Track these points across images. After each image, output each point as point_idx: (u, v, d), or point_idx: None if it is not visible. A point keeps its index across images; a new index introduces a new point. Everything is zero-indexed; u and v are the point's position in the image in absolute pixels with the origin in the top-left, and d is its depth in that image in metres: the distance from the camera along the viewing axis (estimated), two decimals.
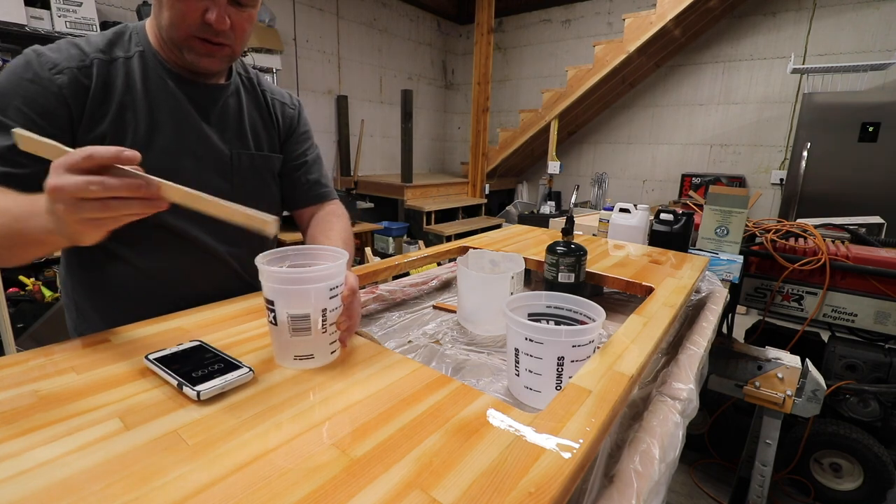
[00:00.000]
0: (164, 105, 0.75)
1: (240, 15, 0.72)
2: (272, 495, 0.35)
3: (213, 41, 0.72)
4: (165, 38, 0.73)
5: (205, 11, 0.68)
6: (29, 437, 0.40)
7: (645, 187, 4.85)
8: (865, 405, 1.57)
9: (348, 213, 0.99)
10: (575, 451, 0.41)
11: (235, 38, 0.74)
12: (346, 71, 4.71)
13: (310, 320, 0.54)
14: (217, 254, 0.84)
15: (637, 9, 4.33)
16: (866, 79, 3.44)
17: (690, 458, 1.90)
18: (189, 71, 0.78)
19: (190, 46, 0.72)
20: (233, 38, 0.73)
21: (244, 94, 0.87)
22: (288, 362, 0.56)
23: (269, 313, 0.55)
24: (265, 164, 0.89)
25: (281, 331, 0.55)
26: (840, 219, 1.94)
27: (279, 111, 0.92)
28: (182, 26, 0.70)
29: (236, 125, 0.84)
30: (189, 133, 0.78)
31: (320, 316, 0.55)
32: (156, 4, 0.72)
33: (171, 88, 0.76)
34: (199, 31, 0.70)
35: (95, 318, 0.80)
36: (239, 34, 0.74)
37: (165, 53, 0.76)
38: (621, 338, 0.66)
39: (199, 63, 0.73)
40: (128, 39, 0.75)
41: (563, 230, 0.97)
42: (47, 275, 2.80)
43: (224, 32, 0.71)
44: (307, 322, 0.54)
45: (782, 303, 1.62)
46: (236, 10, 0.71)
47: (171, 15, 0.69)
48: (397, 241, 4.19)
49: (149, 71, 0.74)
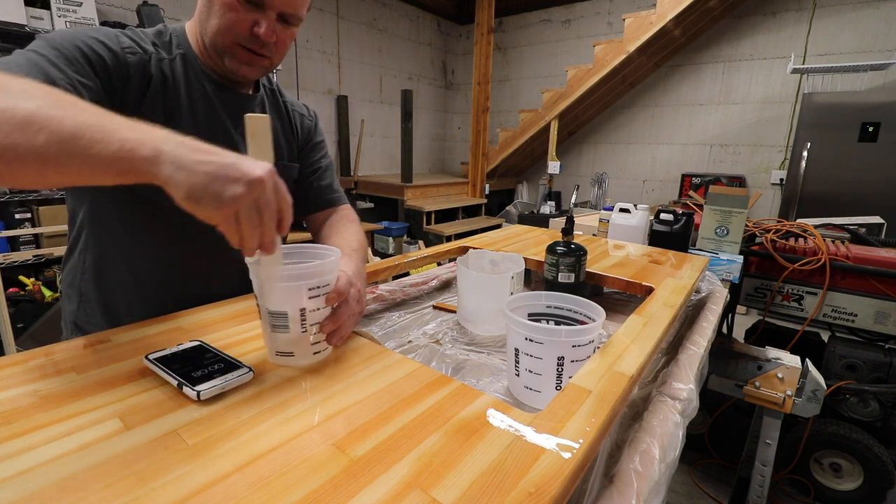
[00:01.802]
0: (201, 108, 0.77)
1: (285, 32, 0.75)
2: (272, 495, 0.35)
3: (257, 52, 0.74)
4: (208, 43, 0.75)
5: (254, 24, 0.71)
6: (29, 437, 0.40)
7: (645, 187, 4.85)
8: (865, 405, 1.57)
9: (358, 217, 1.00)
10: (575, 451, 0.41)
11: (276, 51, 0.76)
12: (346, 71, 4.71)
13: (287, 318, 0.54)
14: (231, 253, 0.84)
15: (637, 9, 4.33)
16: (866, 79, 3.44)
17: (690, 458, 1.90)
18: (224, 78, 0.80)
19: (233, 53, 0.74)
20: (274, 51, 0.76)
21: (268, 104, 0.89)
22: (272, 357, 0.57)
23: (258, 307, 0.56)
24: (285, 173, 0.90)
25: (265, 325, 0.56)
26: (840, 219, 1.94)
27: (299, 122, 0.95)
28: (230, 34, 0.72)
29: None
30: (221, 139, 0.79)
31: (298, 315, 0.54)
32: (203, 10, 0.73)
33: (209, 93, 0.78)
34: (246, 41, 0.72)
35: (97, 310, 0.79)
36: (280, 48, 0.77)
37: (204, 58, 0.78)
38: (621, 338, 0.66)
39: (238, 70, 0.75)
40: (168, 41, 0.76)
41: (563, 230, 0.97)
42: (47, 275, 2.80)
43: (268, 45, 0.74)
44: (285, 320, 0.54)
45: (782, 303, 1.62)
46: (283, 27, 0.74)
47: (220, 23, 0.71)
48: (397, 241, 4.19)
49: (189, 74, 0.76)
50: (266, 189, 0.45)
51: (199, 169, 0.43)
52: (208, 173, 0.43)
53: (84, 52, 0.63)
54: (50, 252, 2.53)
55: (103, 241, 0.78)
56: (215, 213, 0.44)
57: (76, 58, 0.62)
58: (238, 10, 0.70)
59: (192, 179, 0.43)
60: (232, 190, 0.43)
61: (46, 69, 0.58)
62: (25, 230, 2.63)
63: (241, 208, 0.44)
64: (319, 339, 0.57)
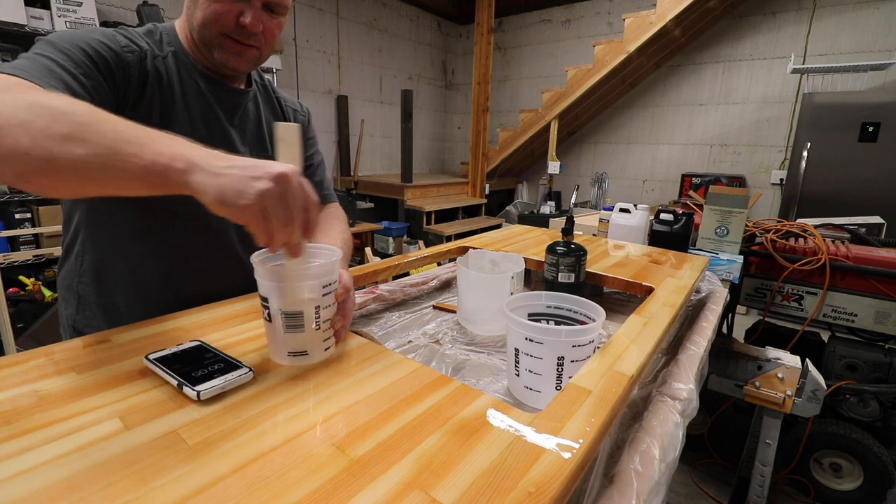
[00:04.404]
0: (195, 104, 0.78)
1: (271, 21, 0.75)
2: (272, 495, 0.35)
3: (244, 42, 0.75)
4: (197, 38, 0.75)
5: (239, 14, 0.72)
6: (29, 437, 0.40)
7: (645, 187, 4.85)
8: (865, 405, 1.57)
9: (346, 216, 1.00)
10: (575, 451, 0.41)
11: (265, 42, 0.77)
12: (346, 71, 4.71)
13: (303, 317, 0.54)
14: (234, 252, 0.85)
15: (637, 9, 4.33)
16: (866, 79, 3.44)
17: (690, 458, 1.90)
18: (216, 73, 0.80)
19: (221, 45, 0.74)
20: (262, 41, 0.76)
21: (261, 100, 0.90)
22: (282, 359, 0.56)
23: (263, 310, 0.56)
24: None
25: (275, 327, 0.55)
26: (840, 219, 1.94)
27: (291, 117, 0.96)
28: (216, 26, 0.72)
29: (255, 129, 0.88)
30: (216, 133, 0.80)
31: (314, 313, 0.55)
32: (189, 5, 0.75)
33: (202, 89, 0.79)
34: (232, 31, 0.73)
35: (97, 312, 0.79)
36: (268, 39, 0.77)
37: (195, 54, 0.79)
38: (621, 338, 0.66)
39: (228, 62, 0.76)
40: (158, 39, 0.77)
41: (563, 230, 0.97)
42: (47, 275, 2.81)
43: (255, 35, 0.74)
44: (300, 319, 0.54)
45: (782, 303, 1.62)
46: (269, 16, 0.75)
47: (205, 15, 0.72)
48: (397, 241, 4.19)
49: (181, 70, 0.77)
50: (291, 185, 0.46)
51: (226, 172, 0.45)
52: (235, 174, 0.45)
53: (90, 54, 0.64)
54: (50, 252, 2.53)
55: (102, 242, 0.78)
56: (244, 211, 0.44)
57: (83, 61, 0.63)
58: (222, 1, 0.70)
59: (219, 181, 0.44)
60: (258, 185, 0.44)
61: (62, 76, 0.59)
62: (25, 230, 2.63)
63: (269, 203, 0.45)
64: (329, 336, 0.58)
